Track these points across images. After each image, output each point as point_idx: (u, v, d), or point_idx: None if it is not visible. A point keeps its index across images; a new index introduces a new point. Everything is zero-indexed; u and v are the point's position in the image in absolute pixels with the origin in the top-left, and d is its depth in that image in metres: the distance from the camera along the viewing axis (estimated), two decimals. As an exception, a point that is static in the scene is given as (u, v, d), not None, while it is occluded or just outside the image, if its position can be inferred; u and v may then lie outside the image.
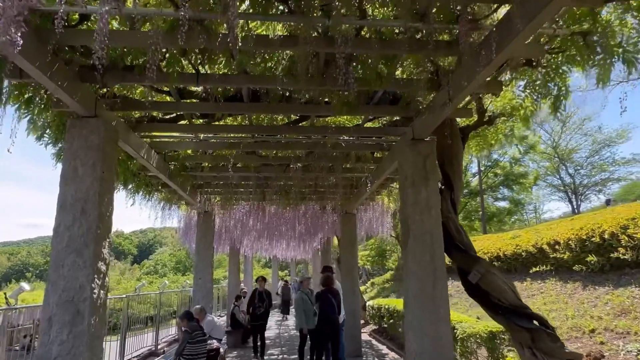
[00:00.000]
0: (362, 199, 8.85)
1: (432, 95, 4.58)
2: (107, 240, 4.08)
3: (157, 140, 5.93)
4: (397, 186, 8.81)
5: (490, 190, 27.34)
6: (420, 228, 4.61)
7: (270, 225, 11.39)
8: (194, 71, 3.96)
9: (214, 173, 7.33)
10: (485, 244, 12.95)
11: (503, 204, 28.28)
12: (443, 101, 3.96)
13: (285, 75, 3.76)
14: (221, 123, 5.32)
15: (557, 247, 9.81)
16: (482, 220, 25.49)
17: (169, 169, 6.81)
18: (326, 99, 4.61)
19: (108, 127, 4.17)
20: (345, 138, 5.82)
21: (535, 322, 4.25)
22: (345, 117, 5.50)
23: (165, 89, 4.51)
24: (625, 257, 7.92)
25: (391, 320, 10.74)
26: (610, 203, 14.68)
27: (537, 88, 4.11)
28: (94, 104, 4.10)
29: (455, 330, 7.25)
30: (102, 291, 3.92)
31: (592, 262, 8.57)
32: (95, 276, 3.83)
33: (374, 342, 11.95)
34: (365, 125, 5.41)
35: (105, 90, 4.40)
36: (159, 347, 11.33)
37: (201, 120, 5.36)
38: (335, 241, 19.31)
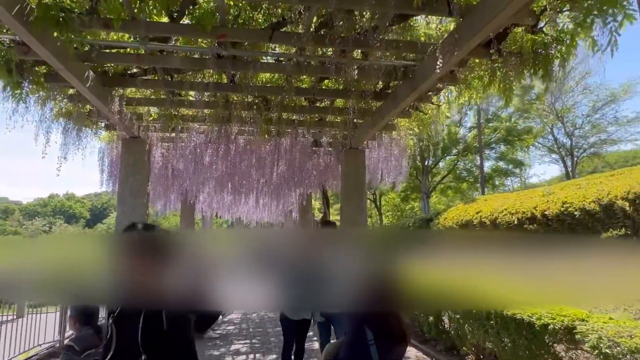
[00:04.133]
0: (391, 116, 5.37)
1: None
2: None
3: None
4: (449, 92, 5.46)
5: (488, 148, 24.46)
6: None
7: (237, 168, 7.81)
8: None
9: (137, 39, 3.72)
10: (499, 202, 10.15)
11: (499, 163, 25.43)
12: None
13: None
14: None
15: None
16: (480, 181, 22.77)
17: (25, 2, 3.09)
18: None
19: None
20: None
21: None
22: None
23: None
24: None
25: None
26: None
27: None
28: None
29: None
30: None
31: None
32: None
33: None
34: None
35: None
36: (67, 339, 7.67)
37: None
38: (315, 203, 16.02)
